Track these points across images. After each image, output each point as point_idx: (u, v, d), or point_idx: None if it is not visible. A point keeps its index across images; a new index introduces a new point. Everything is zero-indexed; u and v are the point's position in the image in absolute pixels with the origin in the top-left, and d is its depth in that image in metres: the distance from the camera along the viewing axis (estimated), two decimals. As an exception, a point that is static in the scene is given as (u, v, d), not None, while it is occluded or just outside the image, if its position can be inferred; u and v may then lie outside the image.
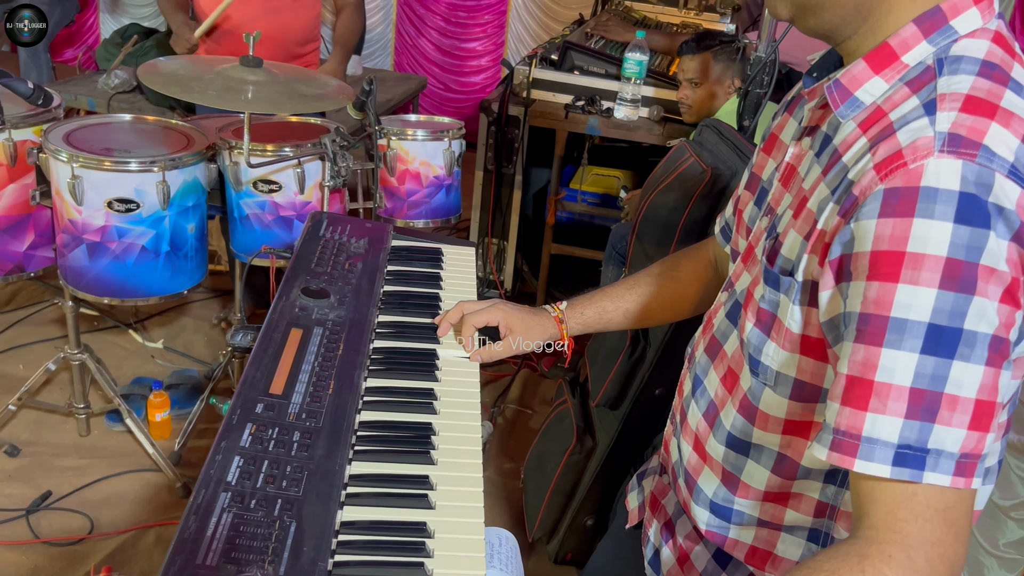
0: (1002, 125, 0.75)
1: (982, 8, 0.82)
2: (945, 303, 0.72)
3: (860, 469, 0.75)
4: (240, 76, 1.74)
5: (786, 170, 0.97)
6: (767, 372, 0.91)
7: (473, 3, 5.06)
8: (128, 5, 5.61)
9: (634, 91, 3.04)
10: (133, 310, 3.17)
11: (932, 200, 0.72)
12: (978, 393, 0.73)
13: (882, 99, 0.83)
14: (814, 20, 0.88)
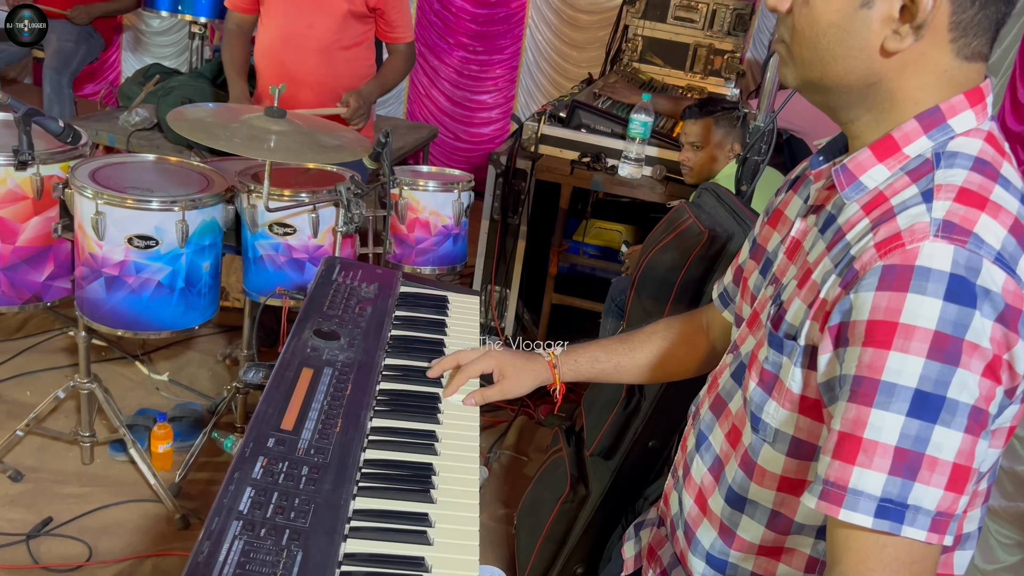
0: (991, 216, 0.82)
1: (977, 111, 0.90)
2: (931, 372, 0.79)
3: (844, 518, 0.82)
4: (264, 126, 1.83)
5: (791, 244, 1.04)
6: (767, 429, 0.98)
7: (485, 57, 5.21)
8: (150, 45, 5.77)
9: (638, 150, 3.14)
10: (140, 342, 3.23)
11: (925, 279, 0.80)
12: (956, 457, 0.80)
13: (884, 185, 0.91)
14: (819, 96, 0.96)
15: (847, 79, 0.91)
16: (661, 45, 4.23)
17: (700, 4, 4.14)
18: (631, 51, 4.25)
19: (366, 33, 2.85)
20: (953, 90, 0.90)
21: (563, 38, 5.06)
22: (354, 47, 2.83)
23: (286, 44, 2.74)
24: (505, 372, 1.36)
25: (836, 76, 0.91)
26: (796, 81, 0.97)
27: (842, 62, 0.90)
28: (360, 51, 2.86)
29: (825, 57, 0.91)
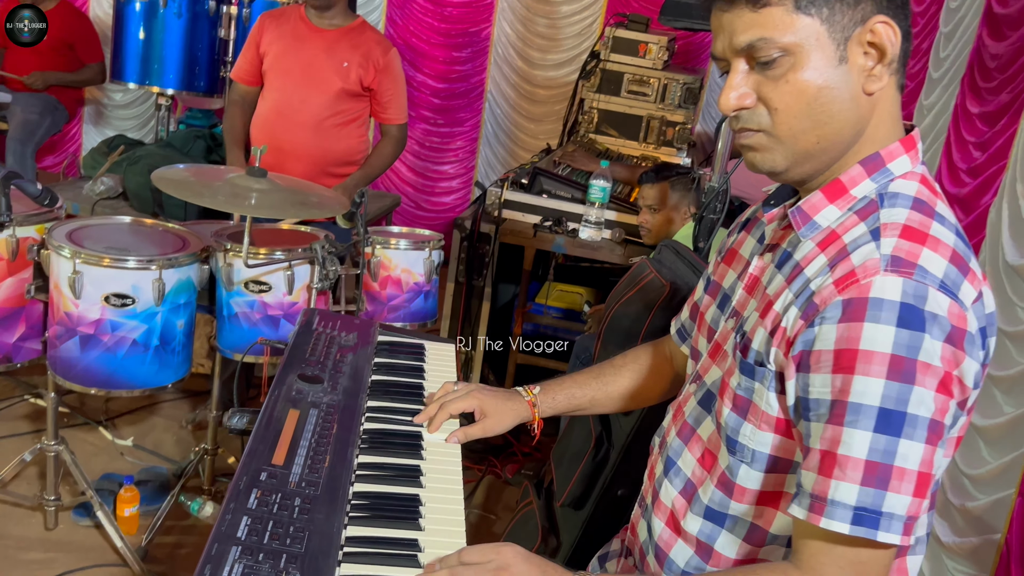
0: (931, 249, 0.93)
1: (911, 156, 1.02)
2: (891, 391, 0.88)
3: (825, 526, 0.91)
4: (246, 184, 1.91)
5: (750, 280, 1.14)
6: (744, 450, 1.06)
7: (447, 130, 5.36)
8: (112, 118, 5.83)
9: (598, 214, 3.27)
10: (103, 408, 3.21)
11: (879, 308, 0.89)
12: (920, 467, 0.89)
13: (836, 224, 1.01)
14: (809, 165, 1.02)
15: (843, 134, 0.99)
16: (616, 117, 4.41)
17: (652, 79, 4.35)
18: (587, 123, 4.43)
19: (361, 111, 2.91)
20: (894, 122, 1.02)
21: (521, 112, 5.25)
22: (347, 124, 2.88)
23: (279, 116, 2.82)
24: (487, 411, 1.42)
25: (832, 135, 0.99)
26: (786, 159, 1.02)
27: (837, 119, 0.98)
28: (353, 128, 2.91)
29: (822, 119, 0.98)
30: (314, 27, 2.82)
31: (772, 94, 0.98)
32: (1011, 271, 2.00)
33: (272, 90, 2.85)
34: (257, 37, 2.88)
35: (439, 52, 5.27)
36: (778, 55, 0.97)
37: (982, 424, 2.00)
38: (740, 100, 1.00)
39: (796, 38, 0.96)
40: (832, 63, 0.97)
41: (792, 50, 0.96)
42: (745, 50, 0.99)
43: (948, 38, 3.05)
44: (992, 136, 2.38)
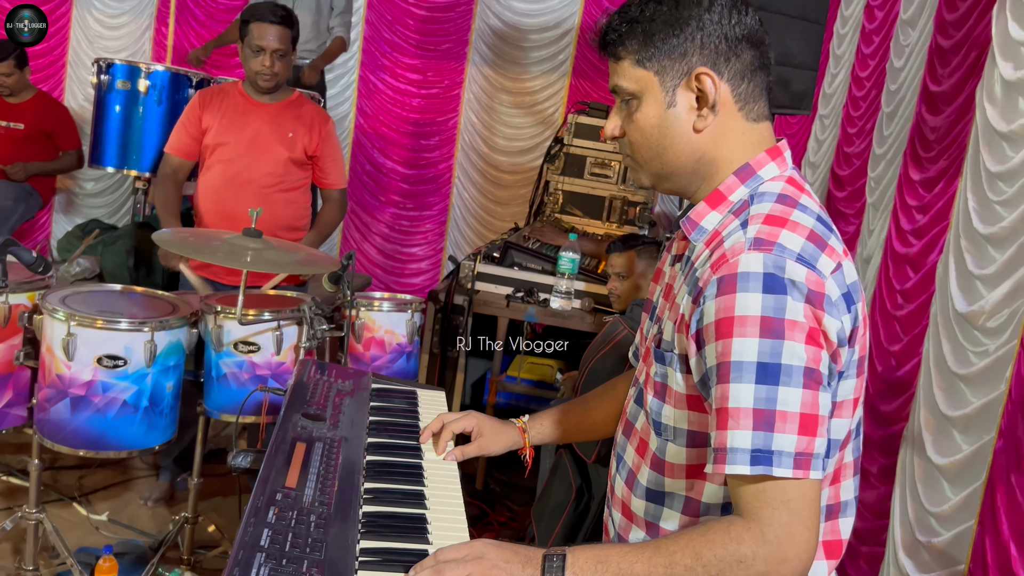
0: (790, 231, 1.11)
1: (777, 163, 1.21)
2: (765, 347, 1.04)
3: (729, 471, 1.05)
4: (242, 244, 2.01)
5: (666, 289, 1.32)
6: (667, 429, 1.20)
7: (416, 214, 5.53)
8: (82, 207, 5.89)
9: (568, 285, 3.40)
10: (77, 484, 3.19)
11: (747, 280, 1.06)
12: (801, 408, 1.04)
13: (719, 225, 1.19)
14: (668, 184, 1.25)
15: (680, 160, 1.20)
16: (580, 198, 4.60)
17: (613, 162, 4.57)
18: (553, 203, 4.61)
19: (304, 178, 3.12)
20: (755, 147, 1.21)
21: (488, 195, 5.44)
22: (292, 190, 3.07)
23: (227, 185, 2.96)
24: (483, 431, 1.56)
25: (672, 161, 1.20)
26: (648, 178, 1.26)
27: (671, 149, 1.20)
28: (298, 194, 3.11)
29: (658, 150, 1.20)
30: (256, 102, 3.00)
31: (628, 129, 1.23)
32: (961, 319, 2.15)
33: (218, 162, 2.99)
34: (198, 112, 3.02)
35: (407, 140, 5.48)
36: (628, 99, 1.21)
37: (942, 462, 2.12)
38: (612, 130, 1.25)
39: (637, 86, 1.19)
40: (663, 107, 1.19)
41: (636, 95, 1.20)
42: (613, 91, 1.23)
43: (890, 117, 3.30)
44: (932, 199, 2.58)
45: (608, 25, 1.22)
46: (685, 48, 1.16)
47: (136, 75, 3.94)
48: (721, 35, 1.16)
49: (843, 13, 4.46)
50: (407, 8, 5.37)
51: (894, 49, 3.44)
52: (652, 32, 1.17)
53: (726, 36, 1.16)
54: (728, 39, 1.17)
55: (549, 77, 5.38)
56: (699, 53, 1.16)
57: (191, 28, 5.54)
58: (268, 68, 2.87)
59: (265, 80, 2.91)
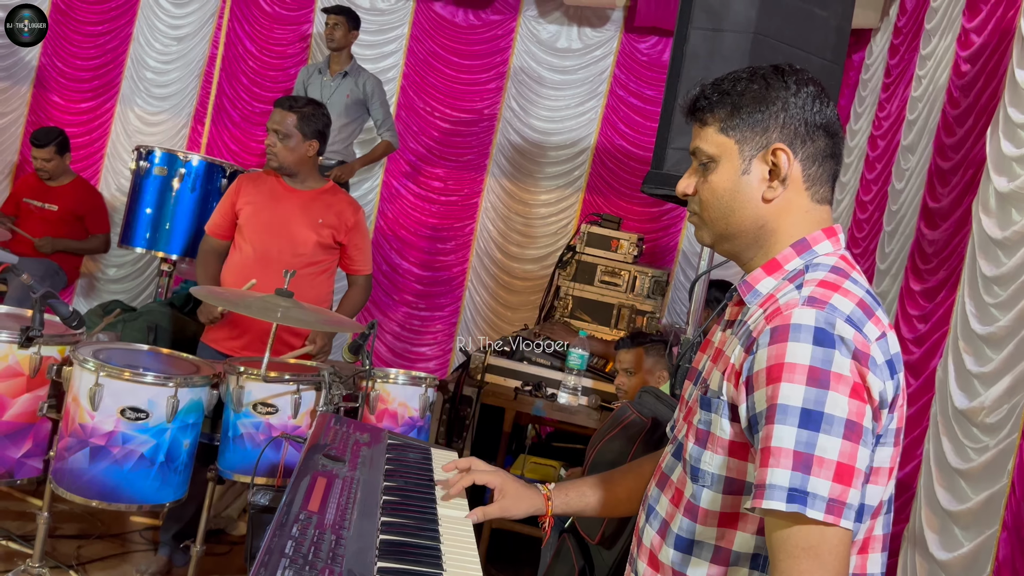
0: (842, 296, 1.19)
1: (832, 241, 1.30)
2: (811, 395, 1.11)
3: (766, 506, 1.10)
4: (275, 302, 2.11)
5: (714, 353, 1.37)
6: (704, 475, 1.25)
7: (427, 314, 5.65)
8: (103, 292, 6.04)
9: (576, 381, 3.47)
10: (75, 554, 3.17)
11: (798, 331, 1.14)
12: (839, 457, 1.09)
13: (773, 289, 1.27)
14: (727, 245, 1.34)
15: (744, 224, 1.30)
16: (589, 304, 4.73)
17: (623, 271, 4.72)
18: (563, 308, 4.73)
19: (331, 263, 3.25)
20: (814, 225, 1.30)
21: (498, 299, 5.57)
22: (319, 274, 3.20)
23: (256, 263, 3.07)
24: (507, 492, 1.56)
25: (736, 224, 1.30)
26: (710, 237, 1.35)
27: (738, 212, 1.30)
28: (324, 278, 3.23)
29: (726, 212, 1.30)
30: (290, 188, 3.17)
31: (701, 188, 1.32)
32: (960, 416, 2.21)
33: (247, 242, 3.12)
34: (234, 196, 3.18)
35: (424, 243, 5.66)
36: (707, 161, 1.31)
37: (945, 558, 2.13)
38: (684, 187, 1.35)
39: (717, 151, 1.30)
40: (737, 173, 1.29)
41: (714, 158, 1.30)
42: (693, 152, 1.34)
43: (891, 235, 3.45)
44: (932, 308, 2.68)
45: (701, 93, 1.32)
46: (768, 124, 1.27)
47: (174, 163, 4.16)
48: (802, 119, 1.27)
49: (848, 143, 4.70)
50: (433, 121, 5.66)
51: (895, 173, 3.62)
52: (740, 105, 1.28)
53: (806, 121, 1.27)
54: (807, 124, 1.27)
55: (564, 191, 5.60)
56: (779, 131, 1.27)
57: (225, 128, 5.83)
58: (269, 147, 3.08)
59: (268, 159, 3.11)
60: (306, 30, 5.82)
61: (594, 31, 5.60)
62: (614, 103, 5.53)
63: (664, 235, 5.47)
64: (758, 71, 1.31)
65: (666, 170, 2.30)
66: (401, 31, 5.73)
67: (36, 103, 5.97)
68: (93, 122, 5.99)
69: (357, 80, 4.91)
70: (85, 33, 5.93)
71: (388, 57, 5.73)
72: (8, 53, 5.96)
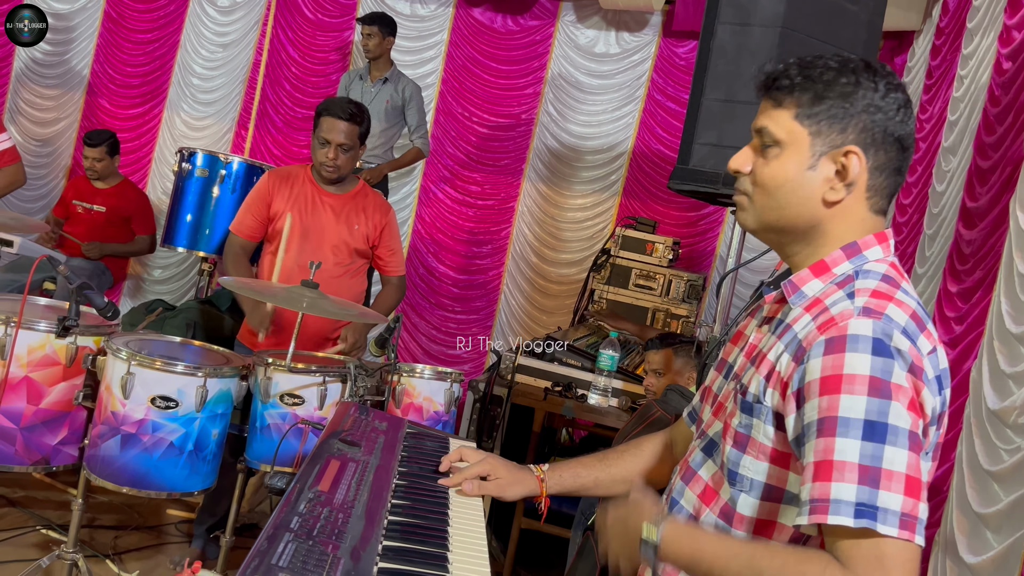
0: (896, 306, 1.15)
1: (883, 247, 1.25)
2: (873, 406, 1.07)
3: (832, 522, 1.05)
4: (300, 292, 2.15)
5: (749, 348, 1.33)
6: (743, 480, 1.22)
7: (463, 317, 5.68)
8: (148, 292, 6.18)
9: (606, 382, 3.45)
10: (112, 543, 3.24)
11: (856, 342, 1.10)
12: (907, 470, 1.05)
13: (819, 293, 1.23)
14: (771, 236, 1.29)
15: (796, 221, 1.25)
16: (624, 307, 4.71)
17: (658, 275, 4.69)
18: (597, 311, 4.72)
19: (364, 264, 3.28)
20: (865, 233, 1.25)
21: (533, 303, 5.58)
22: (354, 276, 3.22)
23: (293, 269, 3.05)
24: (499, 474, 1.57)
25: (789, 219, 1.25)
26: (754, 223, 1.29)
27: (795, 208, 1.24)
28: (358, 279, 3.26)
29: (781, 204, 1.24)
30: (326, 193, 3.13)
31: (758, 170, 1.26)
32: (993, 416, 2.16)
33: (287, 250, 3.08)
34: (267, 198, 3.13)
35: (461, 247, 5.69)
36: (771, 144, 1.24)
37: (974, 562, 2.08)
38: (740, 164, 1.28)
39: (787, 137, 1.23)
40: (804, 167, 1.22)
41: (782, 144, 1.24)
42: (758, 131, 1.26)
43: (931, 238, 3.39)
44: (968, 308, 2.62)
45: (784, 71, 1.23)
46: (847, 123, 1.20)
47: (215, 164, 4.24)
48: (883, 126, 1.20)
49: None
50: (471, 126, 5.70)
51: (936, 175, 3.55)
52: (824, 96, 1.20)
53: (885, 129, 1.20)
54: (886, 132, 1.20)
55: (600, 195, 5.60)
56: (858, 133, 1.20)
57: (268, 133, 5.94)
58: (332, 160, 3.01)
59: (328, 172, 3.05)
60: (347, 36, 5.90)
61: (632, 36, 5.59)
62: (651, 107, 5.51)
63: (701, 239, 5.43)
64: (849, 63, 1.22)
65: (692, 165, 2.29)
66: (440, 37, 5.79)
67: (88, 109, 6.15)
68: (142, 127, 6.14)
69: (397, 86, 4.96)
70: (135, 40, 6.08)
71: (428, 63, 5.78)
72: (60, 61, 6.15)
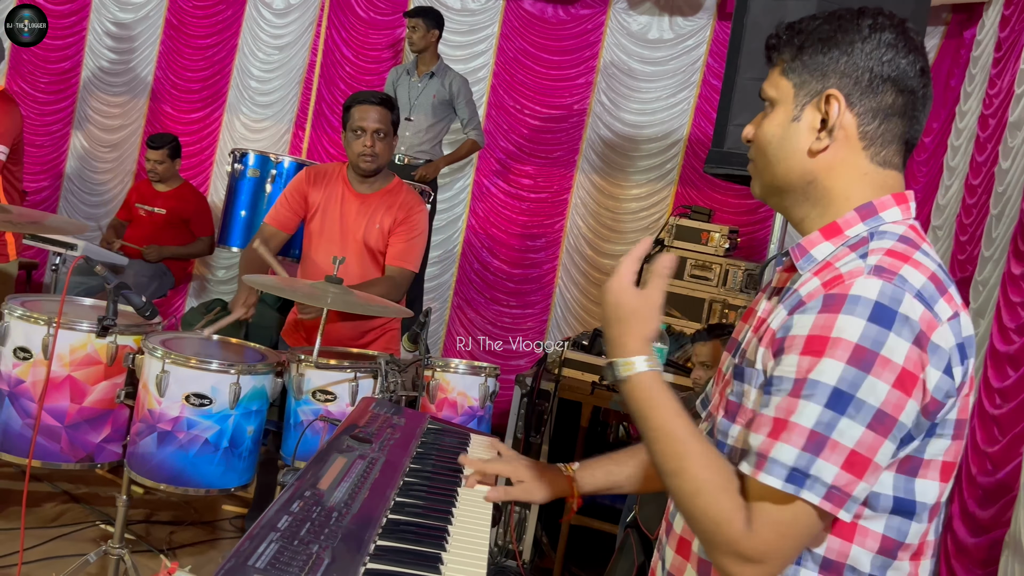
0: (913, 267, 1.06)
1: (902, 209, 1.16)
2: (848, 374, 1.00)
3: (763, 480, 1.02)
4: (324, 288, 2.14)
5: (757, 322, 1.25)
6: (733, 452, 1.14)
7: (519, 311, 5.64)
8: (212, 292, 6.32)
9: (655, 375, 3.36)
10: (167, 539, 3.31)
11: (855, 303, 1.02)
12: (855, 445, 0.99)
13: (830, 256, 1.14)
14: (776, 199, 1.23)
15: (790, 177, 1.18)
16: (679, 299, 4.59)
17: (714, 265, 4.56)
18: (651, 303, 4.62)
19: None
20: (876, 191, 1.16)
21: (589, 296, 5.50)
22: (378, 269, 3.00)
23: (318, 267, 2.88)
24: (523, 478, 1.51)
25: (782, 176, 1.19)
26: (759, 189, 1.25)
27: (784, 162, 1.18)
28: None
29: (771, 160, 1.19)
30: (355, 193, 2.98)
31: (755, 133, 1.22)
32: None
33: (315, 250, 3.00)
34: (304, 189, 3.02)
35: (515, 241, 5.65)
36: (766, 103, 1.21)
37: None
38: (746, 133, 1.24)
39: (776, 94, 1.20)
40: (788, 119, 1.18)
41: (772, 102, 1.20)
42: (762, 97, 1.23)
43: (997, 219, 3.20)
44: (1034, 293, 2.46)
45: (775, 32, 1.23)
46: (827, 69, 1.15)
47: (267, 165, 4.30)
48: (867, 67, 1.13)
49: (957, 126, 4.41)
50: (522, 118, 5.64)
51: (1002, 152, 3.36)
52: (805, 46, 1.17)
53: (871, 70, 1.13)
54: (872, 74, 1.13)
55: (655, 185, 5.48)
56: (838, 77, 1.14)
57: (324, 133, 5.99)
58: (369, 149, 2.87)
59: (367, 161, 2.91)
60: (399, 33, 5.91)
61: (686, 20, 5.46)
62: (707, 93, 5.36)
63: (761, 227, 5.26)
64: (837, 12, 1.17)
65: (727, 148, 2.20)
66: (491, 30, 5.74)
67: (152, 114, 6.30)
68: (203, 131, 6.27)
69: (443, 80, 4.95)
70: (194, 46, 6.21)
71: (479, 57, 5.75)
72: (126, 69, 6.33)
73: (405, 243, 2.96)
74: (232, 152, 4.34)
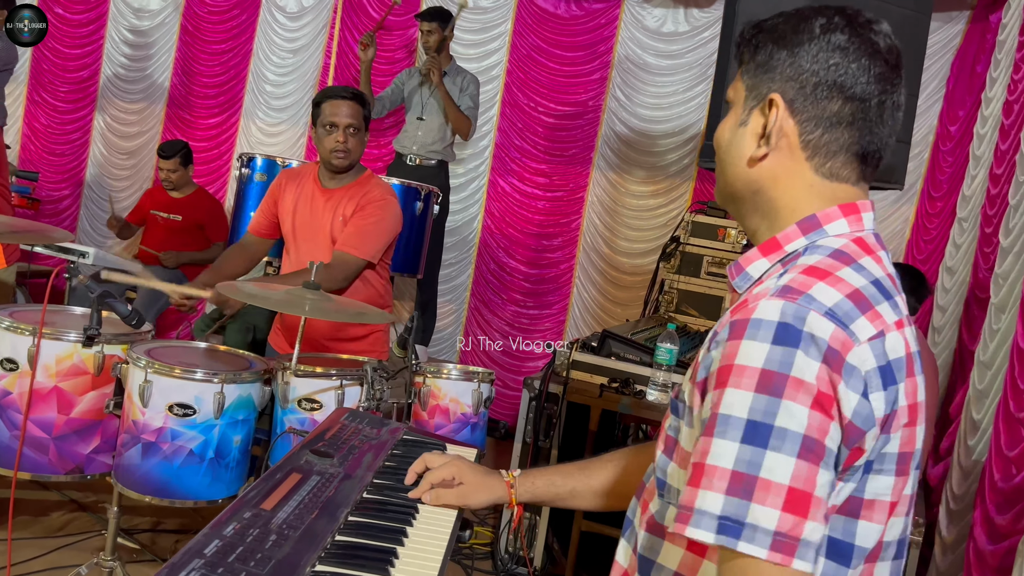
0: (828, 285, 0.96)
1: (850, 220, 1.06)
2: (759, 404, 0.90)
3: (690, 535, 0.90)
4: (301, 294, 2.08)
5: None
6: (670, 491, 1.06)
7: (536, 312, 5.55)
8: (232, 298, 6.33)
9: (665, 377, 3.27)
10: (172, 547, 3.28)
11: (757, 327, 0.93)
12: (791, 481, 0.88)
13: (764, 274, 1.07)
14: (732, 208, 1.15)
15: (736, 185, 1.11)
16: (695, 297, 4.49)
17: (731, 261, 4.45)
18: (667, 303, 4.51)
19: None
20: (825, 203, 1.06)
21: (607, 295, 5.40)
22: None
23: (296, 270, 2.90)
24: (464, 479, 1.45)
25: (729, 182, 1.12)
26: (717, 195, 1.17)
27: (730, 169, 1.11)
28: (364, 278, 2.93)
29: (723, 167, 1.13)
30: (324, 190, 2.93)
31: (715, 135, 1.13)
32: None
33: (288, 252, 2.98)
34: (276, 195, 2.99)
35: (531, 241, 5.57)
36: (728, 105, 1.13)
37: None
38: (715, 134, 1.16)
39: (733, 95, 1.13)
40: (736, 123, 1.11)
41: (730, 103, 1.13)
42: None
43: (1015, 208, 3.06)
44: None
45: (742, 30, 1.15)
46: (775, 72, 1.07)
47: (272, 168, 4.27)
48: (812, 72, 1.05)
49: (983, 113, 4.25)
50: (537, 116, 5.56)
51: (1025, 139, 3.21)
52: (759, 46, 1.10)
53: (816, 74, 1.05)
54: (819, 80, 1.05)
55: (673, 181, 5.36)
56: (783, 81, 1.06)
57: (339, 135, 5.96)
58: (342, 144, 2.80)
59: (339, 157, 2.83)
60: (412, 34, 5.86)
61: (701, 12, 5.33)
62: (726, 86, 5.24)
63: (781, 223, 5.13)
64: (802, 10, 1.08)
65: (720, 143, 2.10)
66: (504, 27, 5.67)
67: (169, 121, 6.32)
68: (220, 136, 6.28)
69: (455, 79, 4.89)
70: (210, 52, 6.22)
71: (492, 55, 5.68)
72: (143, 76, 6.36)
73: (354, 228, 2.83)
74: (240, 157, 4.32)
